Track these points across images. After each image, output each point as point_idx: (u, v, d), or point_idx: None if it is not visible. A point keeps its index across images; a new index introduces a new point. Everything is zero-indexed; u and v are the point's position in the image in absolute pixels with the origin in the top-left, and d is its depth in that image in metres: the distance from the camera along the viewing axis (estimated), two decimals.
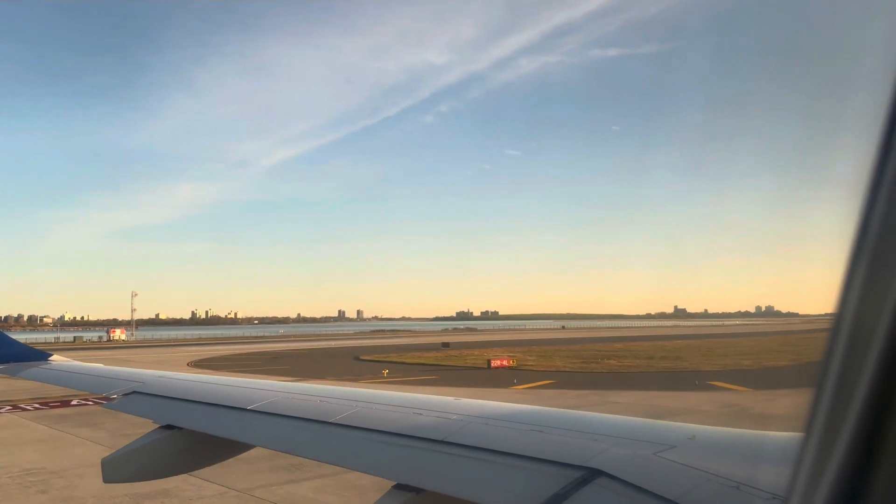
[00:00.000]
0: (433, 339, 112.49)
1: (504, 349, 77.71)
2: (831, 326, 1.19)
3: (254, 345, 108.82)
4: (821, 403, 1.20)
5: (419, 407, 5.15)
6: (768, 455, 3.38)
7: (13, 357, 9.48)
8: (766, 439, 3.78)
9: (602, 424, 4.33)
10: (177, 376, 8.11)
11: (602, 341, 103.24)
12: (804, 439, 1.25)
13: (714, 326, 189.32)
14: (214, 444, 5.93)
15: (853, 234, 1.15)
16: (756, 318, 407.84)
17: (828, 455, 1.18)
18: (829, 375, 1.19)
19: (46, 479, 18.11)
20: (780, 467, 2.86)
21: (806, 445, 1.24)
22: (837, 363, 1.18)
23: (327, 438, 4.98)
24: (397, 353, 75.48)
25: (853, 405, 1.13)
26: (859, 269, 1.14)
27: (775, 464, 3.10)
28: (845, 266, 1.15)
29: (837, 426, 1.16)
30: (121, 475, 6.05)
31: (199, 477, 16.21)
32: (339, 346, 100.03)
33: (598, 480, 3.38)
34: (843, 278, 1.16)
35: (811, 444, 1.22)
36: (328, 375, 49.34)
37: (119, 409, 7.04)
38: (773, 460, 3.20)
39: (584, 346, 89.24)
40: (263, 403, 5.86)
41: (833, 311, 1.20)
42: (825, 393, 1.20)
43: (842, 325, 1.17)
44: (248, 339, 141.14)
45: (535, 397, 36.20)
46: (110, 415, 24.90)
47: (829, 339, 1.20)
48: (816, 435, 1.21)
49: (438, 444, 4.31)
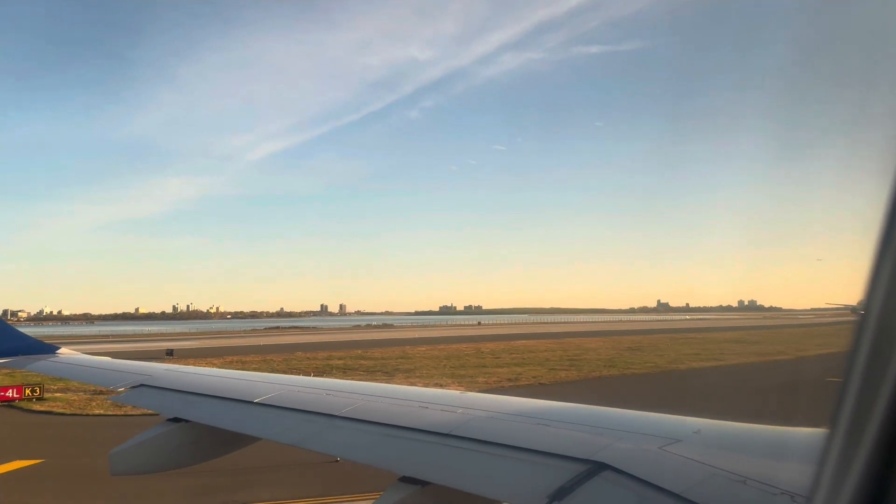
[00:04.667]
0: (326, 339, 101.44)
1: (284, 354, 64.91)
2: (858, 320, 1.16)
3: (162, 342, 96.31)
4: (846, 399, 1.17)
5: (425, 401, 5.16)
6: (775, 450, 3.40)
7: (21, 350, 9.58)
8: (772, 434, 3.72)
9: (607, 418, 4.27)
10: (184, 370, 8.23)
11: (505, 339, 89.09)
12: (829, 435, 1.22)
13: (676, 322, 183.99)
14: (221, 437, 5.89)
15: (881, 227, 1.10)
16: (736, 313, 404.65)
17: (854, 451, 1.15)
18: (856, 370, 1.15)
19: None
20: (787, 462, 3.08)
21: (831, 441, 1.21)
22: (864, 357, 1.14)
23: (333, 431, 4.91)
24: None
25: (880, 400, 1.10)
26: (887, 262, 1.10)
27: (782, 459, 3.19)
28: (872, 259, 1.11)
29: (864, 422, 1.13)
30: (128, 467, 5.93)
31: None
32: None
33: (604, 474, 3.35)
34: (871, 271, 1.12)
35: (837, 439, 1.19)
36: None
37: (126, 401, 7.08)
38: (780, 455, 3.26)
39: (457, 345, 74.25)
40: (270, 396, 5.86)
41: (859, 305, 1.16)
42: (851, 388, 1.16)
43: (868, 319, 1.13)
44: (170, 335, 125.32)
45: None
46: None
47: (856, 332, 1.16)
48: (842, 430, 1.18)
49: (444, 437, 4.28)
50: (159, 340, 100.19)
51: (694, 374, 45.84)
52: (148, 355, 57.55)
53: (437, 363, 55.09)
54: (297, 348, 74.53)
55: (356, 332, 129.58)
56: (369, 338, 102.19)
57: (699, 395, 35.01)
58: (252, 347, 78.74)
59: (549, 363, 53.49)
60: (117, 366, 8.56)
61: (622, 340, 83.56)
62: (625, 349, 68.32)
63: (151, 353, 62.98)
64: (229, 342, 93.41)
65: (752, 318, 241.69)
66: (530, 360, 56.03)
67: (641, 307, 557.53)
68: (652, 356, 59.08)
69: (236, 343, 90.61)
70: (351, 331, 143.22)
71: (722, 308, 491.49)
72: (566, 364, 52.34)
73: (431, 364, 54.27)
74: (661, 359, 56.74)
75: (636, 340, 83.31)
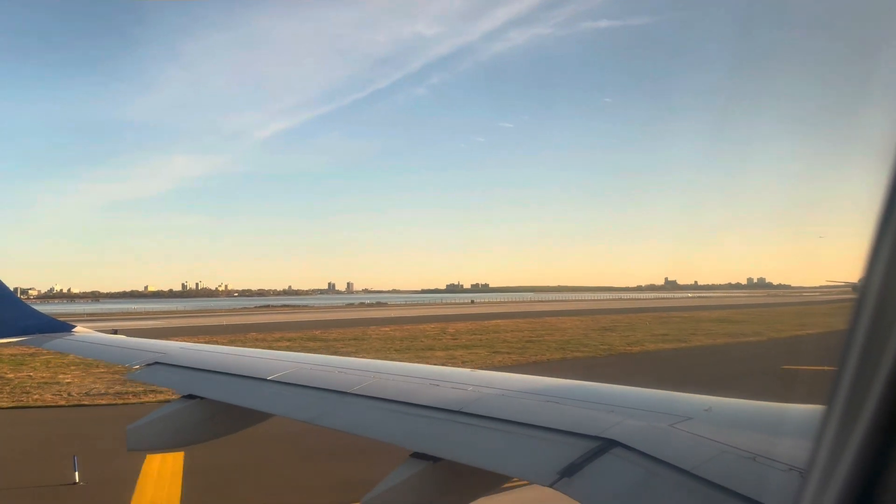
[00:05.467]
0: (304, 318, 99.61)
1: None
2: (856, 297, 1.14)
3: (139, 321, 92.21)
4: (844, 376, 1.15)
5: (436, 378, 5.21)
6: (785, 427, 3.39)
7: (38, 328, 9.73)
8: (782, 411, 3.72)
9: (617, 396, 4.32)
10: (199, 347, 8.68)
11: (482, 318, 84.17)
12: (826, 412, 1.20)
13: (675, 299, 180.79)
14: (235, 414, 5.95)
15: (881, 204, 1.09)
16: (743, 291, 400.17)
17: (851, 428, 1.14)
18: (854, 347, 1.14)
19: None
20: (797, 439, 3.02)
21: (828, 418, 1.19)
22: (862, 335, 1.13)
23: (346, 408, 4.95)
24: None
25: (878, 378, 1.09)
26: (887, 239, 1.09)
27: (792, 436, 3.16)
28: (872, 236, 1.09)
29: (861, 399, 1.12)
30: (144, 443, 6.04)
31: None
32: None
33: (614, 451, 3.37)
34: (870, 248, 1.11)
35: (833, 416, 1.18)
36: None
37: (141, 379, 7.24)
38: (790, 432, 3.24)
39: (426, 325, 70.38)
40: (283, 374, 5.91)
41: (858, 282, 1.15)
42: (849, 365, 1.14)
43: (867, 296, 1.12)
44: (143, 314, 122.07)
45: None
46: None
47: (854, 310, 1.14)
48: (839, 408, 1.16)
49: (455, 414, 4.30)
50: (135, 319, 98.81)
51: (643, 358, 43.09)
52: (137, 334, 54.55)
53: (386, 344, 52.67)
54: (256, 328, 72.15)
55: (343, 311, 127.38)
56: (348, 317, 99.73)
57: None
58: (212, 327, 75.93)
59: (500, 345, 50.94)
60: (132, 343, 8.70)
61: (601, 320, 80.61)
62: (596, 329, 65.51)
63: (138, 332, 60.70)
64: (198, 321, 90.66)
65: (755, 295, 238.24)
66: (484, 343, 53.48)
67: (649, 285, 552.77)
68: (615, 337, 56.16)
69: (202, 322, 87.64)
70: (339, 309, 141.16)
71: (730, 286, 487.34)
72: (519, 346, 49.77)
73: (379, 346, 51.80)
74: (622, 340, 53.87)
75: (616, 320, 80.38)
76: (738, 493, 2.72)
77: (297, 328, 72.28)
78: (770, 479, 2.74)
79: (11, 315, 9.84)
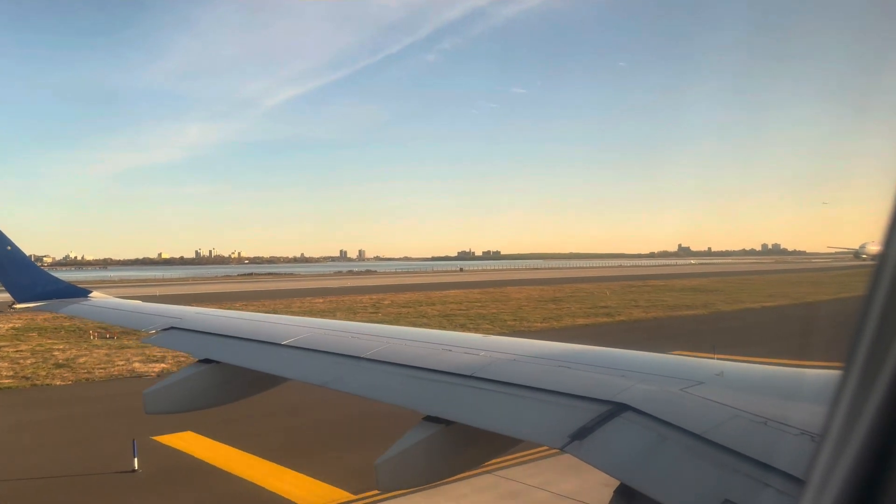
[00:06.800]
0: (278, 286, 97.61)
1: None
2: (876, 262, 1.13)
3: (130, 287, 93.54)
4: (862, 340, 1.14)
5: (448, 343, 5.25)
6: (798, 392, 3.40)
7: (55, 294, 10.16)
8: (795, 376, 3.74)
9: (629, 361, 4.32)
10: (214, 312, 8.45)
11: (440, 288, 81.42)
12: (843, 375, 1.18)
13: (674, 267, 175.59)
14: (250, 378, 6.06)
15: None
16: (756, 257, 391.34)
17: (868, 392, 1.12)
18: (872, 311, 1.12)
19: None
20: (810, 404, 3.05)
21: (845, 382, 1.17)
22: (881, 299, 1.11)
23: (359, 373, 5.03)
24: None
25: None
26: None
27: (805, 400, 3.17)
28: (893, 201, 1.08)
29: (879, 364, 1.10)
30: (161, 406, 6.06)
31: None
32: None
33: (625, 414, 3.40)
34: (891, 213, 1.10)
35: (850, 380, 1.15)
36: None
37: (157, 343, 7.28)
38: (803, 397, 3.25)
39: (370, 296, 67.76)
40: (297, 339, 5.99)
41: (878, 247, 1.14)
42: (867, 329, 1.13)
43: (887, 260, 1.11)
44: (129, 281, 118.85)
45: None
46: None
47: (874, 274, 1.13)
48: (857, 372, 1.14)
49: (468, 378, 4.38)
50: (123, 286, 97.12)
51: (550, 335, 39.32)
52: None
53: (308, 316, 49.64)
54: (223, 298, 69.19)
55: (322, 280, 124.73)
56: (318, 286, 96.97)
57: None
58: (182, 296, 73.50)
59: (420, 319, 47.52)
60: (148, 309, 8.87)
61: (563, 289, 76.82)
62: (542, 301, 61.59)
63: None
64: (170, 290, 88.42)
65: (763, 262, 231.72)
66: (405, 315, 49.98)
67: (662, 252, 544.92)
68: (546, 312, 51.82)
69: (176, 291, 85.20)
70: (322, 277, 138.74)
71: (744, 252, 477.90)
72: (436, 322, 46.29)
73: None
74: (548, 314, 49.66)
75: (577, 289, 76.53)
76: (749, 457, 2.76)
77: (256, 298, 69.59)
78: (782, 444, 2.78)
79: (30, 281, 10.36)
